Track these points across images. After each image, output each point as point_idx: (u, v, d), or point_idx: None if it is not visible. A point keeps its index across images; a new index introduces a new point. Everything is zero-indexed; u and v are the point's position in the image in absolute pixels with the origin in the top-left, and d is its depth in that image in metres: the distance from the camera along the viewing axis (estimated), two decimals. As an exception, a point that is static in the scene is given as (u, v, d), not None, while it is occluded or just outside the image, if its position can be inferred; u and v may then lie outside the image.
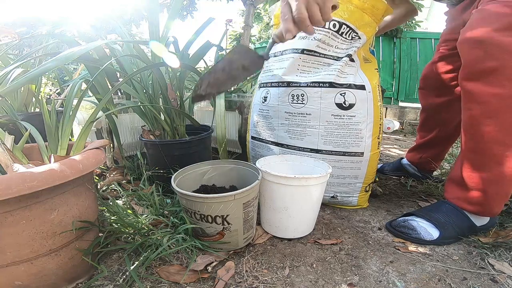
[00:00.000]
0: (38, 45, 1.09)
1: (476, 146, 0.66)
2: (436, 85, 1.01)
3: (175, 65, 0.77)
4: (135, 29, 5.60)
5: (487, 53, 0.59)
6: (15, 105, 1.03)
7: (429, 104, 1.06)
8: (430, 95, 1.04)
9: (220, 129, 0.94)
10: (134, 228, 0.67)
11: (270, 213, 0.74)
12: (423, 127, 1.12)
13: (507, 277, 0.59)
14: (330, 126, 0.83)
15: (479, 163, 0.67)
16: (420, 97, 1.10)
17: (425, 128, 1.11)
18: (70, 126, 0.65)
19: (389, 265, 0.64)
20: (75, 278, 0.56)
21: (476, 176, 0.68)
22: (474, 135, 0.66)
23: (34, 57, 0.97)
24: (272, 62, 0.95)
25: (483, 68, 0.60)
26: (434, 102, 1.03)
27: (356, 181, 0.86)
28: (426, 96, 1.06)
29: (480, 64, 0.60)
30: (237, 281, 0.58)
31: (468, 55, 0.63)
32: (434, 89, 1.02)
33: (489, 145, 0.64)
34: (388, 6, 0.83)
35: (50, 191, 0.47)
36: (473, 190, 0.69)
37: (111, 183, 0.99)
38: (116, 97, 1.28)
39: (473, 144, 0.67)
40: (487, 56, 0.59)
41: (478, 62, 0.61)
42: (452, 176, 0.77)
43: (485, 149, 0.65)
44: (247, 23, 1.36)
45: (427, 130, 1.10)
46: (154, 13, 0.84)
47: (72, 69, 1.71)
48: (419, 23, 3.75)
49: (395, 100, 3.07)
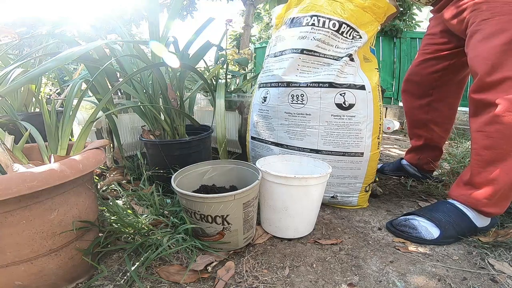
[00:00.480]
0: (38, 45, 1.09)
1: (491, 143, 0.69)
2: (418, 87, 1.06)
3: (175, 65, 0.77)
4: (135, 29, 5.61)
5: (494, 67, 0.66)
6: (15, 105, 1.03)
7: (411, 106, 1.11)
8: (412, 98, 1.09)
9: (220, 129, 0.94)
10: (134, 228, 0.67)
11: (270, 213, 0.74)
12: (412, 134, 1.16)
13: (507, 277, 0.59)
14: (330, 126, 0.82)
15: (492, 159, 0.69)
16: (403, 100, 1.15)
17: (413, 131, 1.14)
18: (70, 126, 0.65)
19: (389, 265, 0.64)
20: (75, 278, 0.56)
21: (488, 171, 0.70)
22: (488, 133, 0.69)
23: (34, 57, 0.97)
24: (271, 62, 0.94)
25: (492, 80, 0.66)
26: (416, 105, 1.08)
27: (356, 181, 0.86)
28: (408, 98, 1.11)
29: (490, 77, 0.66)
30: (237, 281, 0.58)
31: (479, 70, 0.69)
32: (416, 91, 1.07)
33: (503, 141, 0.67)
34: (390, 4, 0.83)
35: (50, 191, 0.47)
36: (483, 186, 0.71)
37: (111, 183, 0.99)
38: (116, 97, 1.28)
39: (487, 141, 0.69)
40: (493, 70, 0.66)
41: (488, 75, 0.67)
42: (461, 179, 0.79)
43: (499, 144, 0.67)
44: (247, 23, 1.37)
45: (416, 136, 1.14)
46: (154, 13, 0.84)
47: (72, 69, 1.71)
48: (419, 23, 3.75)
49: (395, 100, 3.07)
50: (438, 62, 0.98)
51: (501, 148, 0.67)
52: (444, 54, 0.96)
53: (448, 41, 0.93)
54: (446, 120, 1.07)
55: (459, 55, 0.93)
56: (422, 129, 1.10)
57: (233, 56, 1.77)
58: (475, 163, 0.72)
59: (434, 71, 0.99)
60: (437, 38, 0.96)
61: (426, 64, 1.01)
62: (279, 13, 1.00)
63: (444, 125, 1.07)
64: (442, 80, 1.00)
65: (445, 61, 0.96)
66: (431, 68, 1.00)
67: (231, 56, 1.74)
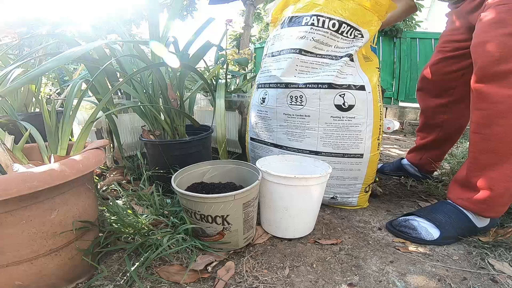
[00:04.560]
0: (38, 45, 1.09)
1: (488, 146, 0.67)
2: (435, 86, 1.01)
3: (175, 65, 0.77)
4: (135, 29, 5.61)
5: (502, 56, 0.61)
6: (15, 105, 1.03)
7: (428, 105, 1.06)
8: (429, 96, 1.05)
9: (220, 129, 0.94)
10: (134, 228, 0.66)
11: (270, 213, 0.74)
12: (422, 129, 1.12)
13: (507, 277, 0.59)
14: (329, 128, 0.82)
15: (489, 162, 0.68)
16: (418, 98, 1.10)
17: (425, 130, 1.11)
18: (70, 126, 0.64)
19: (389, 265, 0.64)
20: (75, 278, 0.56)
21: (485, 176, 0.68)
22: (486, 135, 0.67)
23: (34, 57, 0.97)
24: (269, 62, 0.93)
25: (498, 70, 0.62)
26: (433, 104, 1.04)
27: (356, 182, 0.86)
28: (424, 97, 1.07)
29: (495, 67, 0.62)
30: (237, 281, 0.58)
31: (482, 58, 0.65)
32: (433, 90, 1.02)
33: (501, 145, 0.65)
34: (392, 1, 0.82)
35: (50, 191, 0.47)
36: (480, 189, 0.70)
37: (111, 183, 0.99)
38: (116, 97, 1.28)
39: (485, 144, 0.67)
40: (501, 59, 0.61)
41: (493, 65, 0.62)
42: (457, 178, 0.77)
43: (498, 148, 0.65)
44: (247, 23, 1.36)
45: (427, 132, 1.10)
46: (154, 13, 0.84)
47: (72, 69, 1.71)
48: (419, 23, 3.74)
49: (395, 100, 3.07)
50: (459, 60, 0.92)
51: (499, 152, 0.65)
52: (465, 52, 0.88)
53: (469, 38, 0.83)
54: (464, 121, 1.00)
55: None
56: (435, 130, 1.05)
57: (233, 56, 1.77)
58: (472, 164, 0.71)
59: (455, 69, 0.94)
60: (457, 35, 0.91)
61: (445, 62, 0.95)
62: (276, 8, 0.97)
63: (460, 126, 1.02)
64: (465, 79, 0.90)
65: (467, 59, 0.87)
66: (451, 67, 0.94)
67: (231, 56, 1.74)
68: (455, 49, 0.93)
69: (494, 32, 0.63)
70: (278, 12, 0.98)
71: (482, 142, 0.68)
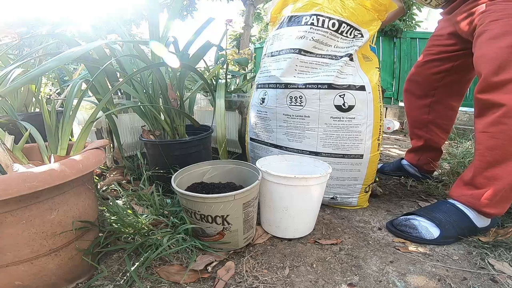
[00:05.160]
0: (38, 45, 1.09)
1: (494, 143, 0.69)
2: (419, 87, 1.06)
3: (175, 65, 0.77)
4: (135, 29, 5.61)
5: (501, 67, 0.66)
6: (15, 105, 1.03)
7: (413, 106, 1.11)
8: (414, 97, 1.09)
9: (220, 129, 0.94)
10: (134, 228, 0.66)
11: (270, 213, 0.74)
12: (412, 133, 1.17)
13: (507, 277, 0.59)
14: (329, 128, 0.82)
15: (495, 159, 0.69)
16: (404, 99, 1.15)
17: (414, 133, 1.15)
18: (70, 126, 0.64)
19: (389, 265, 0.64)
20: (75, 278, 0.56)
21: (490, 172, 0.70)
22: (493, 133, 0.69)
23: (34, 57, 0.97)
24: (269, 62, 0.93)
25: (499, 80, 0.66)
26: (417, 104, 1.09)
27: (356, 182, 0.86)
28: (410, 97, 1.11)
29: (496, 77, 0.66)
30: (237, 281, 0.58)
31: (484, 70, 0.68)
32: (418, 91, 1.07)
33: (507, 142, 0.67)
34: (391, 1, 0.82)
35: (50, 191, 0.47)
36: (484, 185, 0.71)
37: (111, 183, 0.99)
38: (116, 97, 1.28)
39: (492, 142, 0.69)
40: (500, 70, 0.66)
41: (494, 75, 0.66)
42: (463, 178, 0.79)
43: (504, 145, 0.67)
44: (247, 23, 1.36)
45: (417, 136, 1.14)
46: (154, 13, 0.84)
47: (72, 69, 1.71)
48: (419, 23, 3.74)
49: (395, 100, 3.06)
50: (442, 63, 0.98)
51: (505, 149, 0.67)
52: (449, 55, 0.96)
53: (455, 43, 0.93)
54: (446, 121, 1.07)
55: (463, 57, 0.93)
56: (422, 130, 1.10)
57: (233, 56, 1.77)
58: (479, 164, 0.72)
59: (437, 72, 1.00)
60: (444, 40, 0.96)
61: (430, 64, 1.01)
62: (275, 8, 0.97)
63: (444, 126, 1.07)
64: (445, 81, 1.00)
65: (449, 63, 0.97)
66: (434, 69, 1.00)
67: (231, 56, 1.74)
68: (439, 53, 0.98)
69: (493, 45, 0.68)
70: (277, 12, 0.97)
71: (488, 140, 0.70)
